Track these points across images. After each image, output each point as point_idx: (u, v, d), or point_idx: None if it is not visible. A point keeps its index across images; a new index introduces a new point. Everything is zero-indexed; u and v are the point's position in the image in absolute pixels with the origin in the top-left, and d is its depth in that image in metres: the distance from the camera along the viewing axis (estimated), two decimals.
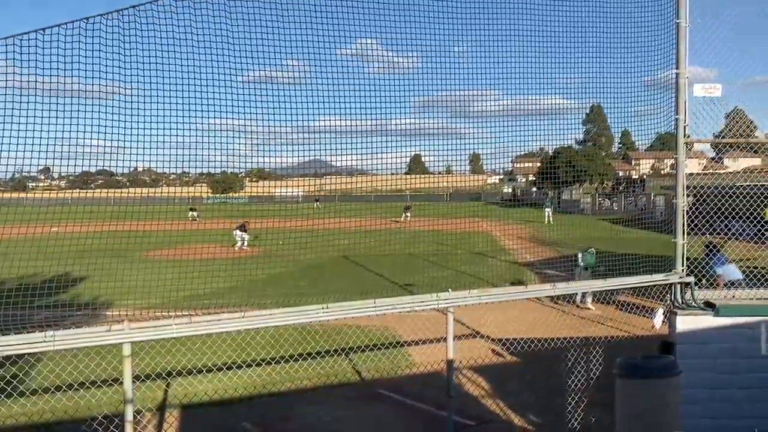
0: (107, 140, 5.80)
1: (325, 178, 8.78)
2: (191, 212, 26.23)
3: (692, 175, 7.91)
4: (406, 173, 9.79)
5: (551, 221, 33.03)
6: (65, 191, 7.92)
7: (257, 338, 9.89)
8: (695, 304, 7.12)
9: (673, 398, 5.63)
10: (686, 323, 6.95)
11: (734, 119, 7.65)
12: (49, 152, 5.47)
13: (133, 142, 5.88)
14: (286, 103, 6.45)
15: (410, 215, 37.23)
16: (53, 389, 8.50)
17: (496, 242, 25.69)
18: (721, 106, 7.30)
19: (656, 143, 9.76)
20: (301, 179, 10.25)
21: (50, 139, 5.41)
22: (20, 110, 5.27)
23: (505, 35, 7.22)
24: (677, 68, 7.22)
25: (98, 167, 6.23)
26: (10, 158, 5.27)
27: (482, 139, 7.65)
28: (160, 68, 5.83)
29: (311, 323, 8.39)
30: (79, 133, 5.54)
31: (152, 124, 5.90)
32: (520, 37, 7.33)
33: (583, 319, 14.18)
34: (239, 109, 6.26)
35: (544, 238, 23.53)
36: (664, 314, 7.34)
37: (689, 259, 7.38)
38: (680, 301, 7.24)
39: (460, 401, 7.88)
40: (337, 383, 9.98)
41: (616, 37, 7.74)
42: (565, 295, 7.71)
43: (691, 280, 7.21)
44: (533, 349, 9.46)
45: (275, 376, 9.93)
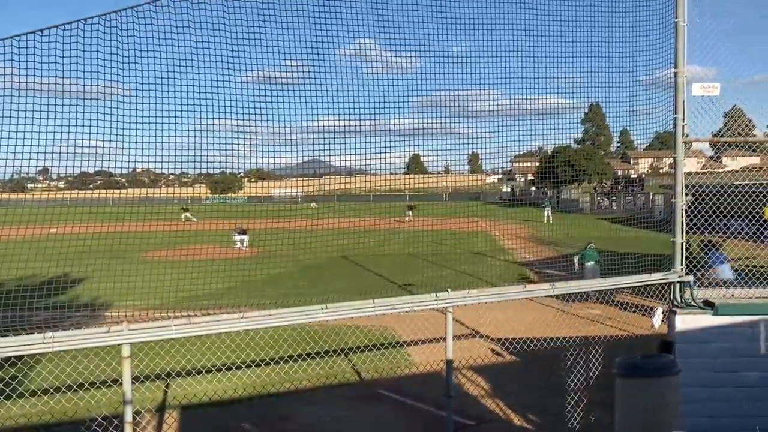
0: (106, 141, 5.80)
1: (324, 178, 8.78)
2: (184, 213, 26.09)
3: (691, 174, 7.92)
4: (405, 173, 9.77)
5: (551, 221, 33.05)
6: (64, 192, 7.92)
7: (257, 339, 9.88)
8: (694, 303, 7.12)
9: (672, 397, 5.64)
10: (685, 322, 6.95)
11: (733, 118, 7.65)
12: (47, 153, 5.47)
13: (131, 142, 5.87)
14: (284, 103, 6.45)
15: (412, 214, 37.01)
16: (52, 390, 8.49)
17: (495, 242, 25.70)
18: (719, 105, 7.31)
19: (655, 142, 9.77)
20: (300, 179, 10.24)
21: (49, 140, 5.41)
22: (19, 111, 5.26)
23: (503, 35, 7.22)
24: (675, 67, 7.23)
25: (97, 168, 6.23)
26: (8, 159, 5.26)
27: (481, 138, 7.65)
28: (158, 69, 5.82)
29: (310, 323, 8.39)
30: (77, 133, 5.53)
31: (151, 124, 5.89)
32: (518, 36, 7.33)
33: (582, 318, 14.18)
34: (238, 109, 6.26)
35: (543, 237, 23.52)
36: (663, 313, 7.34)
37: (687, 257, 7.38)
38: (679, 300, 7.24)
39: (459, 401, 7.88)
40: (336, 383, 9.97)
41: (614, 36, 7.74)
42: (566, 294, 7.72)
43: (690, 279, 7.21)
44: (533, 348, 9.47)
45: (275, 376, 9.92)
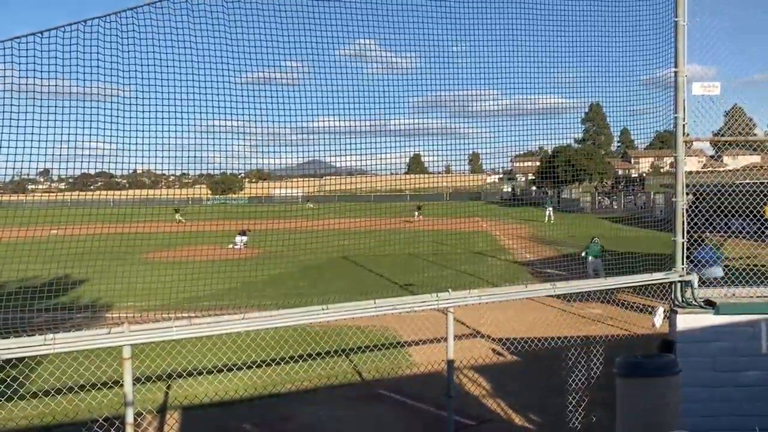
0: (106, 142, 5.81)
1: (324, 178, 8.78)
2: (177, 214, 26.05)
3: (692, 173, 7.92)
4: (405, 173, 9.77)
5: (552, 220, 33.05)
6: (65, 193, 7.93)
7: (258, 339, 9.89)
8: (695, 302, 7.12)
9: (673, 397, 5.63)
10: (686, 322, 6.94)
11: (733, 117, 7.65)
12: (48, 154, 5.48)
13: (132, 143, 5.87)
14: (284, 103, 6.45)
15: (419, 214, 36.69)
16: (53, 392, 8.50)
17: (495, 242, 25.69)
18: (720, 104, 7.31)
19: (655, 141, 9.77)
20: (300, 180, 10.25)
21: (49, 141, 5.41)
22: (19, 113, 5.27)
23: (503, 34, 7.22)
24: (676, 67, 7.22)
25: (97, 169, 6.23)
26: (9, 161, 5.27)
27: (481, 138, 7.65)
28: (158, 70, 5.83)
29: (311, 324, 8.39)
30: (78, 135, 5.54)
31: (151, 125, 5.89)
32: (518, 36, 7.33)
33: (583, 318, 14.18)
34: (238, 109, 6.26)
35: (544, 237, 23.53)
36: (664, 313, 7.33)
37: (689, 257, 7.38)
38: (680, 299, 7.23)
39: (460, 401, 7.88)
40: (337, 384, 9.98)
41: (614, 35, 7.73)
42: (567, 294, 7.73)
43: (691, 278, 7.21)
44: (533, 348, 9.47)
45: (276, 377, 9.93)
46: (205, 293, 8.63)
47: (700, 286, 7.27)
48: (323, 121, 6.68)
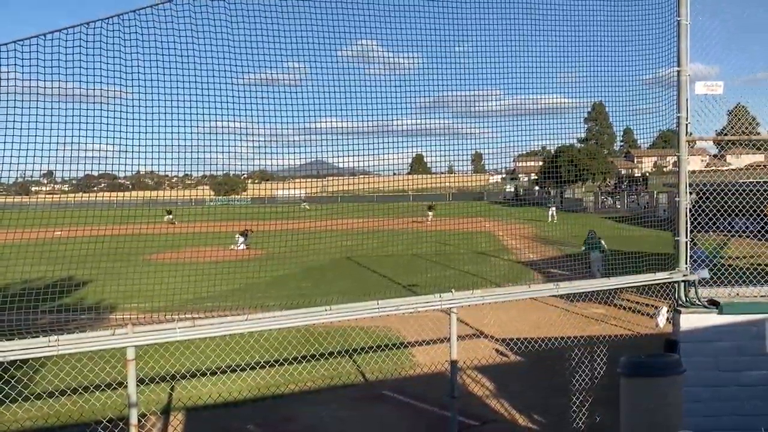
0: (109, 143, 5.82)
1: (327, 179, 8.79)
2: (167, 215, 26.00)
3: (695, 172, 7.90)
4: (408, 173, 9.78)
5: (555, 220, 33.01)
6: (68, 195, 7.95)
7: (261, 340, 9.90)
8: (699, 302, 7.10)
9: (677, 397, 5.62)
10: (690, 321, 6.93)
11: (737, 116, 7.63)
12: (51, 156, 5.49)
13: (135, 145, 5.88)
14: (287, 104, 6.46)
15: (432, 215, 36.23)
16: (58, 393, 8.52)
17: (498, 242, 25.67)
18: (723, 103, 7.29)
19: (658, 141, 9.75)
20: (303, 180, 10.25)
21: (53, 143, 5.42)
22: (23, 115, 5.29)
23: (506, 34, 7.22)
24: (678, 66, 7.21)
25: (101, 171, 6.25)
26: (13, 163, 5.29)
27: (484, 138, 7.65)
28: (161, 71, 5.84)
29: (315, 325, 8.39)
30: (81, 136, 5.56)
31: (154, 126, 5.91)
32: (521, 36, 7.33)
33: (586, 318, 14.16)
34: (241, 111, 6.27)
35: (547, 237, 23.50)
36: (667, 312, 7.32)
37: (692, 256, 7.36)
38: (684, 299, 7.22)
39: (463, 401, 7.87)
40: (340, 384, 9.98)
41: (617, 34, 7.73)
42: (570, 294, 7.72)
43: (695, 278, 7.20)
44: (537, 348, 9.46)
45: (279, 377, 9.94)
46: (208, 294, 8.65)
47: (703, 285, 7.26)
48: (325, 121, 6.69)
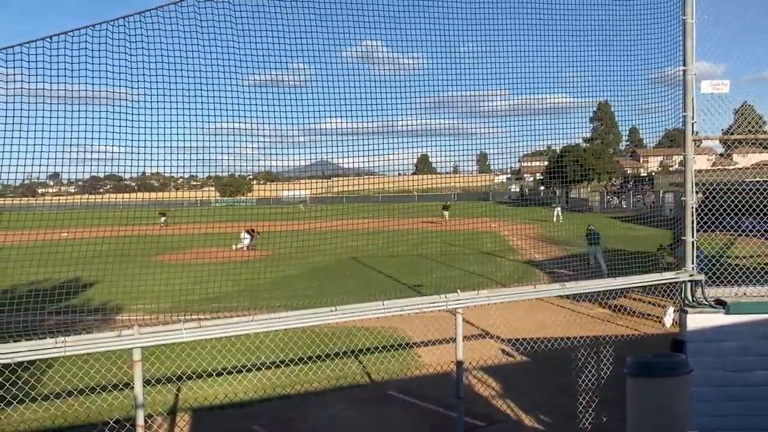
0: (115, 145, 5.84)
1: (332, 179, 8.79)
2: (162, 217, 25.87)
3: (701, 171, 7.87)
4: (413, 173, 9.77)
5: (560, 220, 32.93)
6: (75, 196, 7.97)
7: (267, 341, 9.91)
8: (706, 301, 7.08)
9: (684, 397, 5.60)
10: (697, 321, 6.91)
11: (743, 115, 7.60)
12: (58, 158, 5.52)
13: (140, 146, 5.90)
14: (292, 105, 6.47)
15: (448, 215, 35.91)
16: (65, 394, 8.55)
17: (504, 242, 25.63)
18: (729, 102, 7.27)
19: (664, 140, 9.71)
20: (308, 181, 10.27)
21: (59, 145, 5.45)
22: (29, 117, 5.31)
23: (511, 34, 7.22)
24: (684, 65, 7.19)
25: (107, 172, 6.27)
26: (20, 164, 5.31)
27: (489, 138, 7.64)
28: (166, 73, 5.86)
29: (320, 325, 8.40)
30: (87, 138, 5.58)
31: (159, 128, 5.93)
32: (526, 35, 7.32)
33: (592, 318, 14.12)
34: (245, 112, 6.28)
35: (552, 237, 23.45)
36: (674, 312, 7.30)
37: (698, 256, 7.34)
38: (690, 299, 7.20)
39: (469, 402, 7.86)
40: (346, 385, 9.98)
41: (622, 34, 7.71)
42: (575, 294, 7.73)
43: (701, 277, 7.17)
44: (543, 348, 9.43)
45: (285, 378, 9.94)
46: (214, 295, 8.66)
47: (709, 285, 7.23)
48: (330, 122, 6.69)
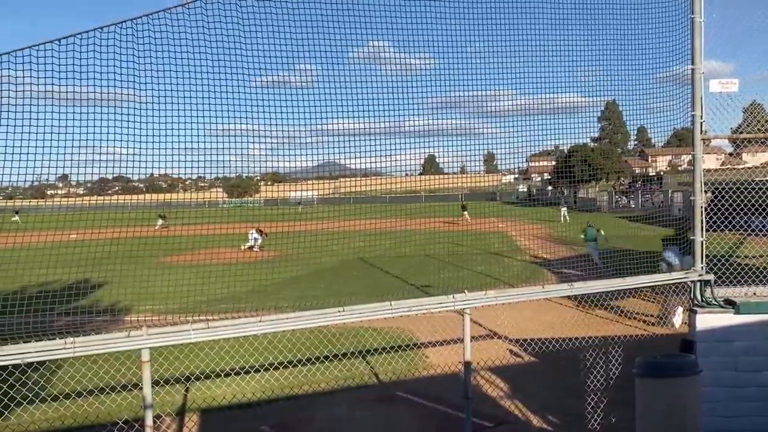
0: (123, 147, 5.87)
1: (339, 180, 8.79)
2: (160, 220, 25.74)
3: (710, 170, 7.82)
4: (420, 174, 9.76)
5: (567, 220, 32.85)
6: (83, 198, 8.01)
7: (274, 342, 9.92)
8: (715, 302, 7.04)
9: (693, 397, 5.58)
10: (706, 321, 6.87)
11: (752, 113, 7.55)
12: (66, 160, 5.55)
13: (148, 147, 5.93)
14: (299, 106, 6.49)
15: (468, 215, 35.56)
16: (74, 395, 8.60)
17: (512, 242, 25.59)
18: (738, 100, 7.22)
19: (673, 139, 9.66)
20: (315, 182, 10.28)
21: (68, 146, 5.48)
22: (38, 119, 5.35)
23: (518, 34, 7.20)
24: (693, 64, 7.15)
25: (115, 173, 6.30)
26: (29, 166, 5.35)
27: (497, 138, 7.63)
28: (173, 74, 5.89)
29: (328, 326, 8.41)
30: (95, 140, 5.61)
31: (167, 129, 5.95)
32: (534, 35, 7.30)
33: (601, 318, 14.07)
34: (253, 113, 6.30)
35: (560, 237, 23.40)
36: (683, 312, 7.26)
37: (707, 256, 7.30)
38: (700, 299, 7.15)
39: (477, 403, 7.84)
40: (354, 386, 9.98)
41: (630, 32, 7.68)
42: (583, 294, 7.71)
43: (711, 277, 7.13)
44: (551, 349, 9.40)
45: (293, 379, 9.95)
46: (222, 296, 8.69)
47: (719, 285, 7.19)
48: (338, 123, 6.70)
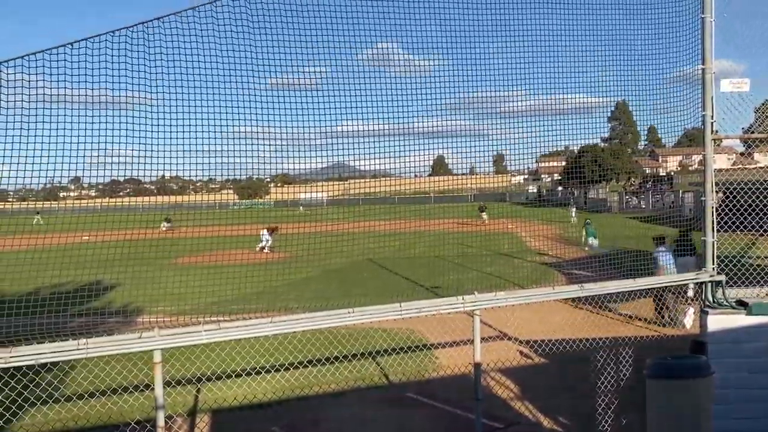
0: (134, 149, 5.92)
1: (349, 181, 8.82)
2: (165, 223, 25.53)
3: (721, 170, 7.78)
4: (429, 175, 9.77)
5: (576, 221, 32.75)
6: (95, 200, 8.09)
7: (285, 342, 9.96)
8: (727, 302, 7.00)
9: (705, 399, 5.54)
10: (718, 322, 6.83)
11: (764, 113, 7.51)
12: (78, 162, 5.61)
13: (160, 150, 5.97)
14: (309, 108, 6.51)
15: (487, 216, 35.33)
16: (87, 395, 8.66)
17: (521, 242, 25.53)
18: (750, 100, 7.18)
19: (683, 139, 9.62)
20: (324, 183, 10.31)
21: (80, 149, 5.54)
22: (51, 122, 5.42)
23: (528, 34, 7.20)
24: (703, 63, 7.12)
25: (126, 176, 6.35)
26: (42, 169, 5.41)
27: (506, 138, 7.62)
28: (184, 77, 5.94)
29: (338, 327, 8.43)
30: (107, 142, 5.67)
31: (178, 132, 5.99)
32: (544, 35, 7.30)
33: (611, 319, 14.01)
34: (263, 115, 6.33)
35: (570, 237, 23.32)
36: (695, 313, 7.22)
37: (719, 256, 7.26)
38: (711, 299, 7.12)
39: (487, 404, 7.84)
40: (364, 386, 10.00)
41: (641, 32, 7.66)
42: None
43: (722, 278, 7.09)
44: (561, 350, 9.38)
45: (303, 380, 9.98)
46: (232, 297, 8.73)
47: (731, 285, 7.15)
48: (347, 124, 6.72)
